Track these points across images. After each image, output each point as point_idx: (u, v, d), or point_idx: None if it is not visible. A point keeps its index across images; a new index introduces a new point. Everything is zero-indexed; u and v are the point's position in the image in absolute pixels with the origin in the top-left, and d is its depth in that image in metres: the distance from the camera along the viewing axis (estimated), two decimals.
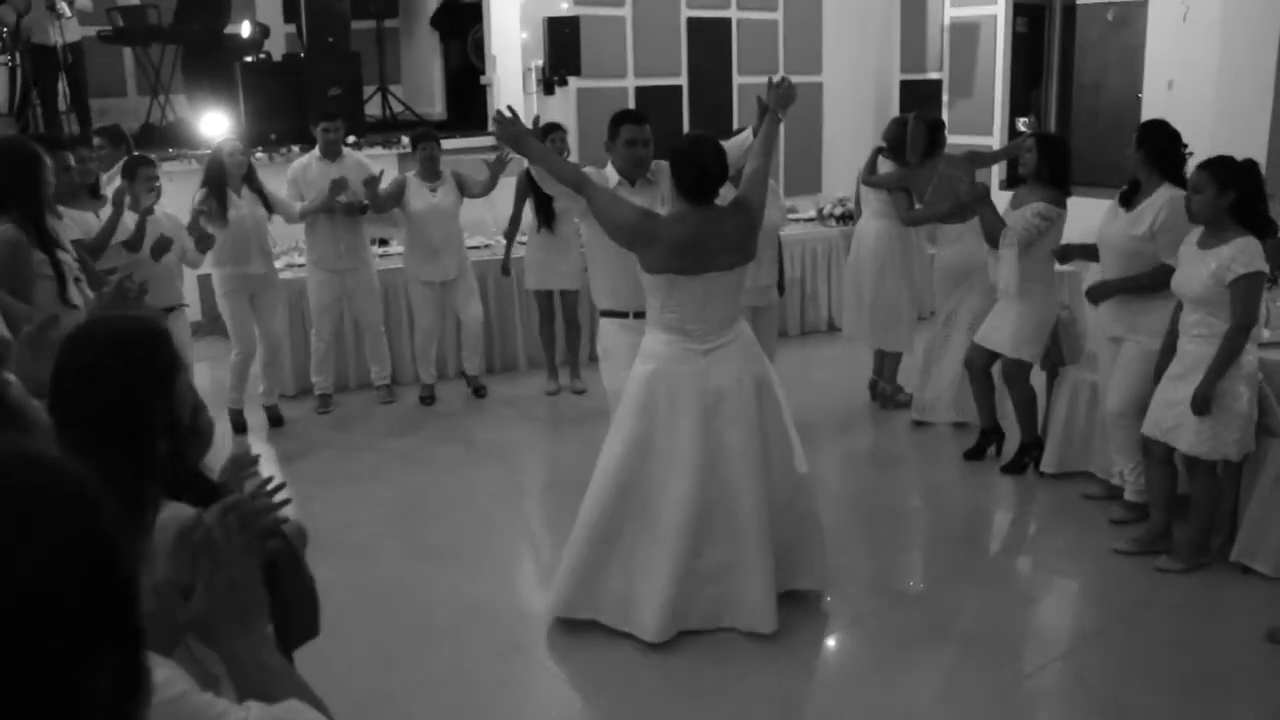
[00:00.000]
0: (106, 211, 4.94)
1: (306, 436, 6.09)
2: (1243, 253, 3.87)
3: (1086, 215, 4.96)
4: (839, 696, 3.56)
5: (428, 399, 6.63)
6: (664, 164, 4.13)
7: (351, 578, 4.42)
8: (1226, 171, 3.94)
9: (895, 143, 6.08)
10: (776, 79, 4.11)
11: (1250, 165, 4.00)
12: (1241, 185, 3.93)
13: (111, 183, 5.17)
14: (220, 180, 5.73)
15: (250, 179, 5.89)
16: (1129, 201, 4.53)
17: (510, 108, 4.01)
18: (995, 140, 9.45)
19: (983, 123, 9.80)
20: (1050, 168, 4.97)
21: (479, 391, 6.75)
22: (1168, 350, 4.27)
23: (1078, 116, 10.69)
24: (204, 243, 5.44)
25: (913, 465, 5.59)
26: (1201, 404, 3.94)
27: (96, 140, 6.00)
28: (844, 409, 6.35)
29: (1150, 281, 4.39)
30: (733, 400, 3.71)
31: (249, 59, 8.82)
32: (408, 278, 6.57)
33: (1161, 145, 4.45)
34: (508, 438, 6.11)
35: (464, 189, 6.43)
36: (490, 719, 3.48)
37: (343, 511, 5.07)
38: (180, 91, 9.46)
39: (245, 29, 9.04)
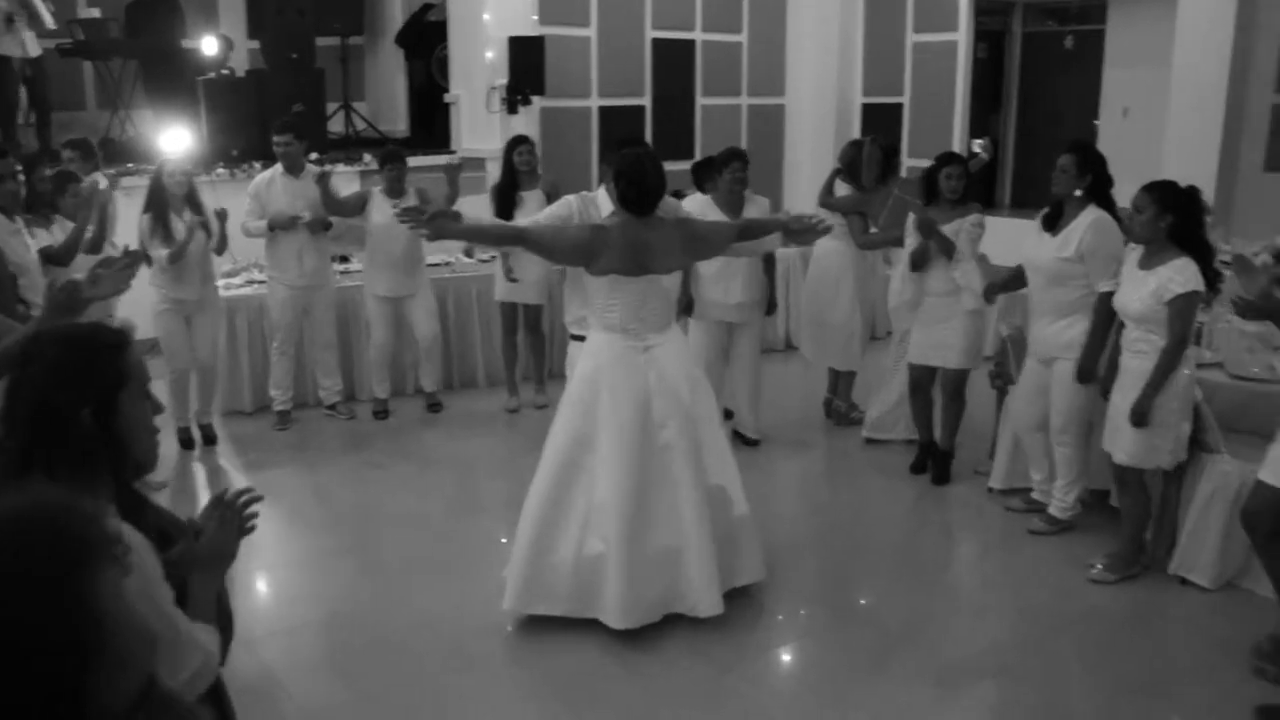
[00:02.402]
0: (66, 228, 4.96)
1: (262, 453, 6.06)
2: (1180, 273, 4.04)
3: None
4: (787, 710, 3.59)
5: (381, 414, 6.62)
6: (672, 201, 4.34)
7: (305, 592, 4.42)
8: (1168, 195, 4.09)
9: (850, 165, 6.20)
10: (814, 222, 4.09)
11: (1191, 191, 4.15)
12: (1180, 209, 4.09)
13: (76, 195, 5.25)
14: (162, 203, 5.65)
15: (192, 199, 5.80)
16: (1053, 224, 4.64)
17: (420, 195, 4.14)
18: None
19: (942, 146, 9.88)
20: (969, 187, 5.36)
21: (434, 408, 6.75)
22: (1111, 366, 4.41)
23: (1036, 142, 10.87)
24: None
25: (862, 482, 5.65)
26: (1140, 416, 4.11)
27: (66, 153, 5.98)
28: (798, 426, 6.41)
29: (1102, 321, 4.47)
30: (669, 395, 3.89)
31: (211, 74, 8.79)
32: (365, 292, 6.57)
33: (1102, 171, 4.58)
34: (464, 453, 6.11)
35: (428, 204, 6.41)
36: None
37: (296, 526, 5.06)
38: (143, 106, 9.42)
39: (208, 45, 9.00)
